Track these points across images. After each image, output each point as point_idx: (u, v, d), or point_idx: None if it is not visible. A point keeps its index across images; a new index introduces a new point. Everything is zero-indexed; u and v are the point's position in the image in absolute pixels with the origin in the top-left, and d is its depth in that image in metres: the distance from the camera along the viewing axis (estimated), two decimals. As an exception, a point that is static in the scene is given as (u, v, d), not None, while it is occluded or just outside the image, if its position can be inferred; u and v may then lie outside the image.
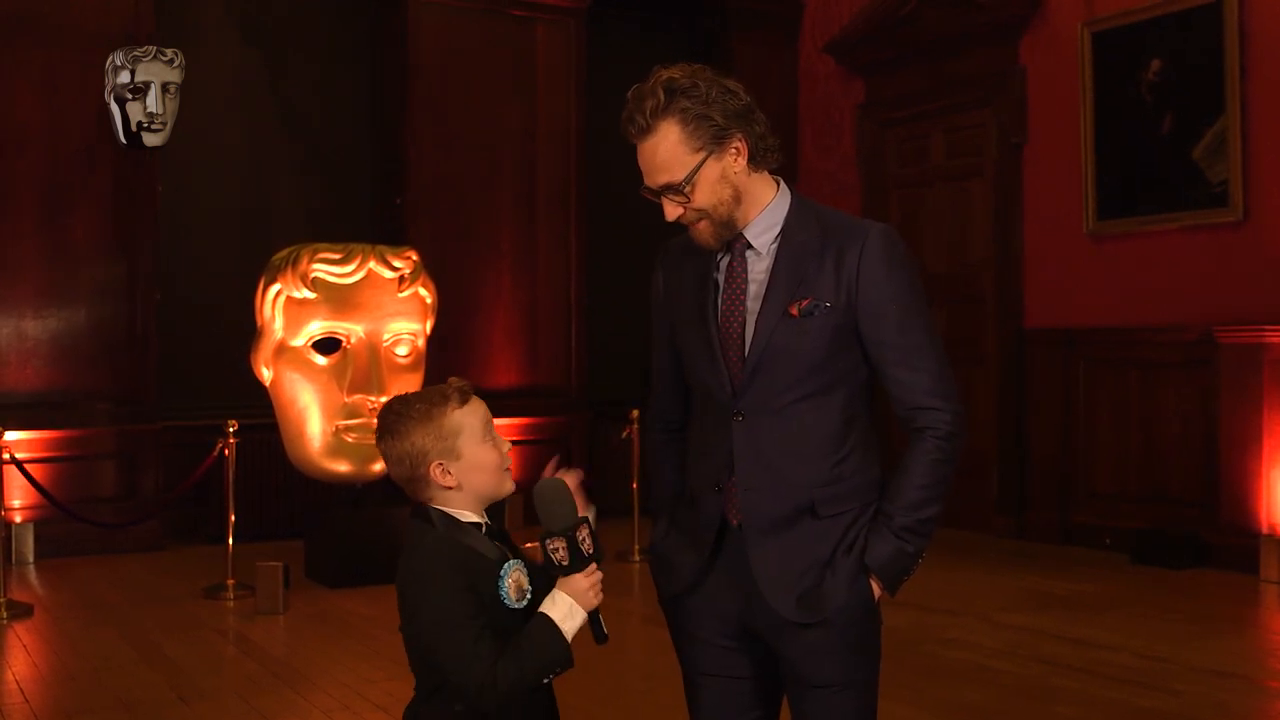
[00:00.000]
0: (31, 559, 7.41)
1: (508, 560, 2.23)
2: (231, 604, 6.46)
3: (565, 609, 2.18)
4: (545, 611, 2.18)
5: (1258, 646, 5.64)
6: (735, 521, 2.32)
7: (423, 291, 7.15)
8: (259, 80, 8.96)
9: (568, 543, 2.19)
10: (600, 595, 2.22)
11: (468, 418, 2.25)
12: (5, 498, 6.44)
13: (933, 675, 4.99)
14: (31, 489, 6.97)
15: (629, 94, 2.26)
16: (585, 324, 9.38)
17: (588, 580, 2.20)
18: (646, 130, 2.24)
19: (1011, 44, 8.37)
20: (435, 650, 2.16)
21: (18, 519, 7.40)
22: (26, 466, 6.73)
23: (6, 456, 6.38)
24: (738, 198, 2.29)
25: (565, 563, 2.19)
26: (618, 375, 9.61)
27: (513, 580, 2.21)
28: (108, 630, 5.88)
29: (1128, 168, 7.70)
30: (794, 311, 2.26)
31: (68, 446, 7.71)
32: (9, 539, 6.80)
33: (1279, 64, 6.98)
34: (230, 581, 6.59)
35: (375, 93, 9.25)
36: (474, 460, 2.24)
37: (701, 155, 2.24)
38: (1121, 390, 7.77)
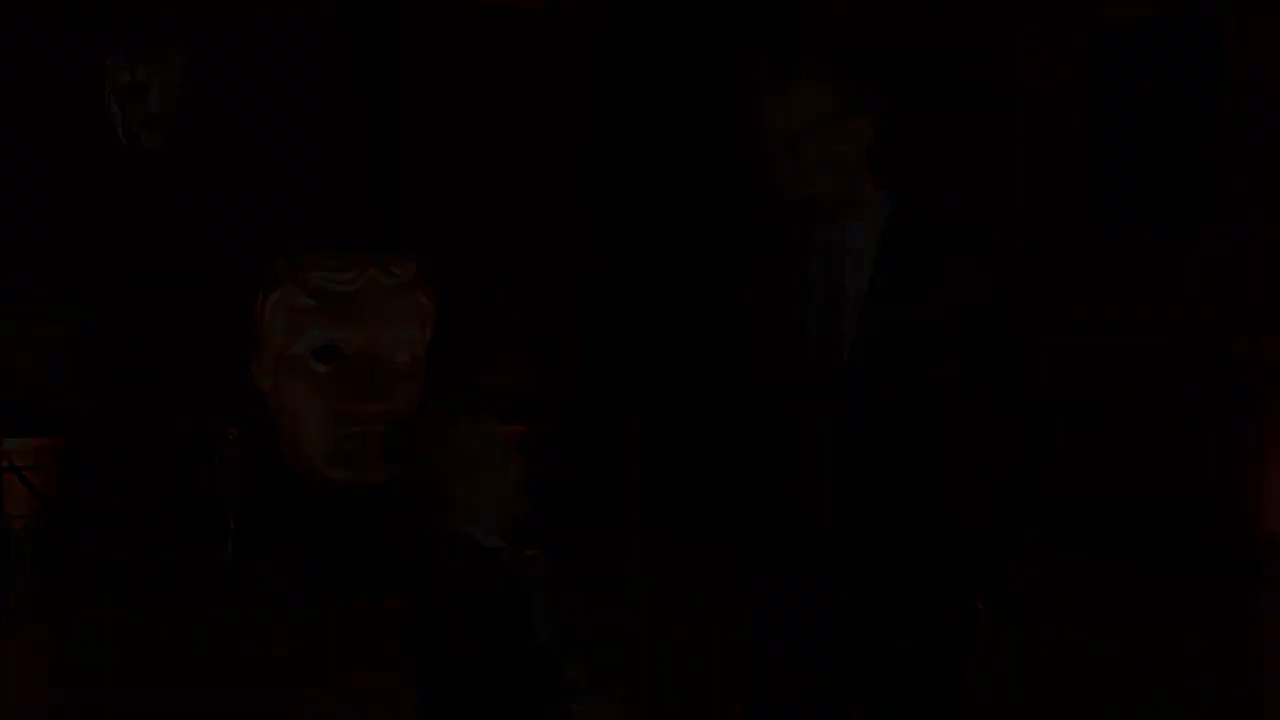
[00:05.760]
0: (30, 563, 7.40)
1: (531, 585, 2.16)
2: (231, 605, 6.46)
3: None
4: None
5: (1257, 647, 5.63)
6: (824, 527, 2.27)
7: (422, 298, 7.14)
8: (259, 80, 8.95)
9: (586, 664, 2.15)
10: None
11: (483, 436, 2.19)
12: (4, 502, 6.44)
13: (933, 677, 4.98)
14: (29, 494, 6.96)
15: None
16: (588, 328, 9.37)
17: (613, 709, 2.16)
18: (805, 76, 2.28)
19: (1011, 46, 8.36)
20: (465, 691, 2.07)
21: (17, 524, 7.38)
22: (25, 471, 6.73)
23: (6, 462, 6.37)
24: (858, 180, 2.28)
25: (581, 685, 2.13)
26: (619, 378, 9.60)
27: (535, 605, 2.14)
28: (107, 634, 5.87)
29: (1127, 171, 7.70)
30: (901, 322, 2.22)
31: (67, 451, 7.71)
32: (8, 543, 6.79)
33: (1278, 69, 6.99)
34: (230, 584, 6.57)
35: (375, 93, 9.24)
36: (490, 480, 2.16)
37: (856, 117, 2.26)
38: (1121, 391, 7.77)
